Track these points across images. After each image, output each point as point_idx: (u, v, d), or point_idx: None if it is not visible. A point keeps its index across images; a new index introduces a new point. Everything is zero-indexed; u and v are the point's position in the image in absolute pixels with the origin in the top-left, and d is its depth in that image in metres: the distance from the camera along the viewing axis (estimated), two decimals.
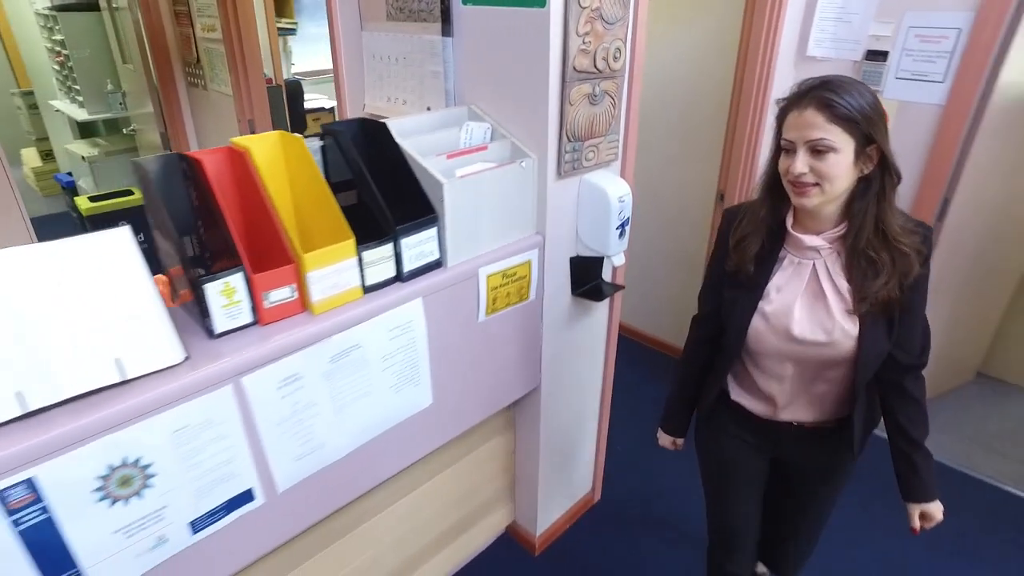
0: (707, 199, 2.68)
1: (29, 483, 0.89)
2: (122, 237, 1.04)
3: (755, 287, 1.21)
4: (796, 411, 1.28)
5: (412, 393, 1.40)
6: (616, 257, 1.67)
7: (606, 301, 1.88)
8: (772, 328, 1.20)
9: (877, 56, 2.24)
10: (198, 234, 1.14)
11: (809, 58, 2.36)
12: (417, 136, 1.41)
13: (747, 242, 1.21)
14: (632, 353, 3.11)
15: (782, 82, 2.36)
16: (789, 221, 1.17)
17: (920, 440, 1.21)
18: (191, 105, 3.06)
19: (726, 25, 2.41)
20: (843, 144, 1.03)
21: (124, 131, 3.68)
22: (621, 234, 1.62)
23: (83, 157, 3.83)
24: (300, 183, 1.22)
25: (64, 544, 0.95)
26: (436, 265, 1.37)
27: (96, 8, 3.59)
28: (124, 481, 0.99)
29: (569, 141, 1.50)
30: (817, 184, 1.06)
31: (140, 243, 1.06)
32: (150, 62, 2.94)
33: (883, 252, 1.09)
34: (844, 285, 1.14)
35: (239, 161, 1.19)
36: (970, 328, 2.74)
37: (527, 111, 1.47)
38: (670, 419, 1.52)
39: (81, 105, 3.79)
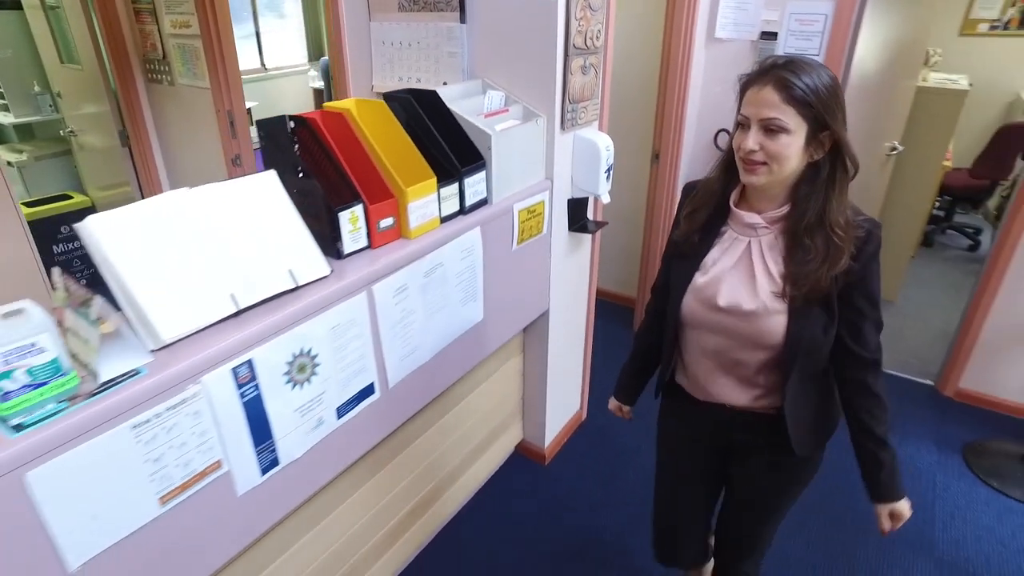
0: (644, 160, 3.17)
1: (249, 364, 1.15)
2: (271, 179, 1.30)
3: (695, 257, 1.23)
4: (727, 392, 1.27)
5: (471, 308, 1.73)
6: (603, 196, 2.08)
7: (590, 237, 2.29)
8: (700, 298, 1.21)
9: (769, 36, 2.81)
10: (319, 177, 1.40)
11: (717, 39, 2.90)
12: (456, 102, 1.74)
13: (697, 214, 1.23)
14: None
15: (699, 58, 2.88)
16: (734, 197, 1.19)
17: (885, 437, 1.19)
18: (150, 101, 3.12)
19: (651, 10, 2.91)
20: (796, 126, 1.03)
21: (61, 133, 3.61)
22: (608, 177, 2.03)
23: (9, 163, 3.71)
24: (385, 136, 1.51)
25: (266, 417, 1.21)
26: (484, 202, 1.70)
27: (18, 7, 3.50)
28: (301, 368, 1.26)
29: (569, 103, 1.89)
30: (766, 163, 1.07)
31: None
32: (106, 61, 2.98)
33: (818, 240, 1.08)
34: (776, 268, 1.14)
35: (337, 120, 1.47)
36: None
37: (537, 80, 1.84)
38: (620, 387, 1.55)
39: (6, 109, 3.66)
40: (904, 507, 1.23)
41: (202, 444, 1.10)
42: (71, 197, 3.65)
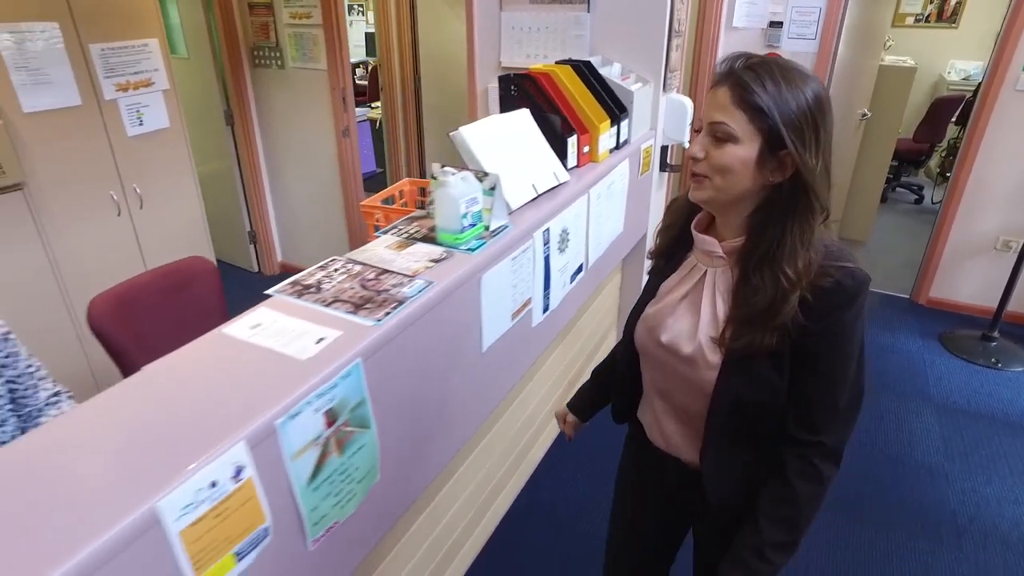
0: None
1: (547, 231, 1.72)
2: (526, 115, 1.88)
3: (658, 280, 1.11)
4: (677, 441, 1.12)
5: (617, 222, 2.34)
6: (687, 143, 2.73)
7: (667, 178, 2.94)
8: (647, 328, 1.08)
9: (776, 24, 3.54)
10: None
11: (734, 28, 3.61)
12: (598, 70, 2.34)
13: (669, 230, 1.11)
14: None
15: (722, 43, 3.58)
16: (700, 218, 1.04)
17: (769, 535, 0.96)
18: (254, 84, 3.56)
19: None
20: (746, 136, 0.87)
21: None
22: (692, 130, 2.69)
23: None
24: (576, 89, 2.10)
25: (549, 271, 1.78)
26: (626, 142, 2.32)
27: None
28: (563, 240, 1.84)
29: (669, 72, 2.53)
30: (709, 176, 0.91)
31: None
32: (217, 50, 3.40)
33: (767, 280, 0.90)
34: (723, 307, 0.98)
35: (547, 77, 2.05)
36: (833, 205, 4.23)
37: (648, 54, 2.47)
38: (576, 396, 1.41)
39: None
40: None
41: (528, 282, 1.67)
42: None
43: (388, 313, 1.14)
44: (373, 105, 5.69)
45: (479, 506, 1.98)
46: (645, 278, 1.31)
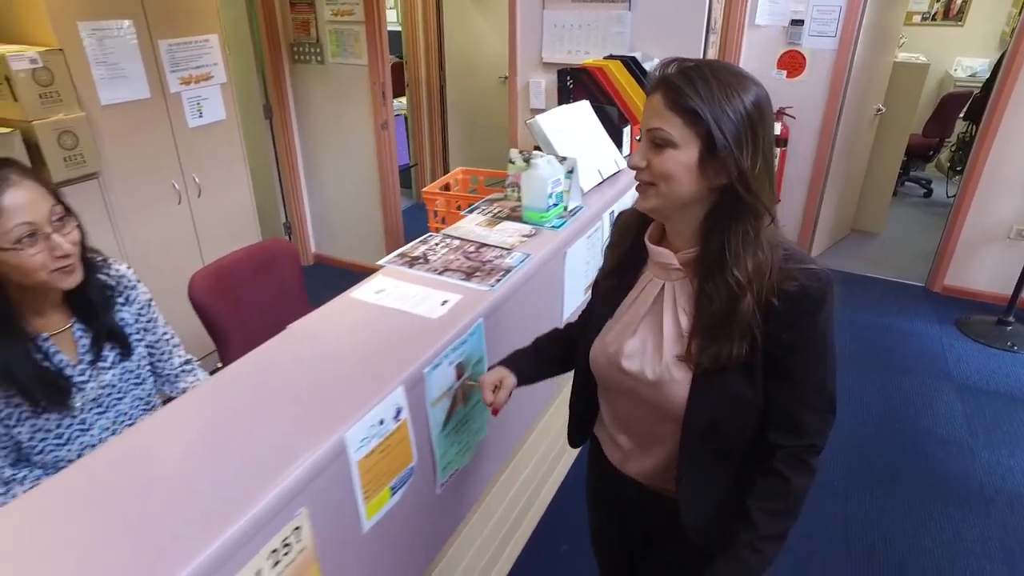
0: None
1: (612, 212, 1.84)
2: (586, 106, 2.00)
3: (612, 302, 1.04)
4: (642, 471, 1.07)
5: None
6: None
7: None
8: (606, 355, 1.02)
9: (797, 23, 3.67)
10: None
11: (756, 25, 3.74)
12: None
13: (618, 248, 1.05)
14: None
15: (746, 39, 3.71)
16: (652, 230, 0.98)
17: (765, 528, 0.93)
18: (293, 79, 3.67)
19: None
20: (683, 139, 0.84)
21: None
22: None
23: None
24: (626, 82, 2.23)
25: None
26: None
27: None
28: None
29: None
30: (654, 184, 0.88)
31: None
32: (259, 46, 3.51)
33: (720, 286, 0.87)
34: (686, 321, 0.93)
35: (601, 71, 2.17)
36: (847, 198, 4.37)
37: (686, 50, 2.59)
38: (511, 357, 1.18)
39: None
40: None
41: (597, 258, 1.79)
42: None
43: (499, 280, 1.26)
44: (396, 101, 5.80)
45: (540, 478, 2.10)
46: None
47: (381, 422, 0.96)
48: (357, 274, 4.08)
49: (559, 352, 1.18)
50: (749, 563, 0.93)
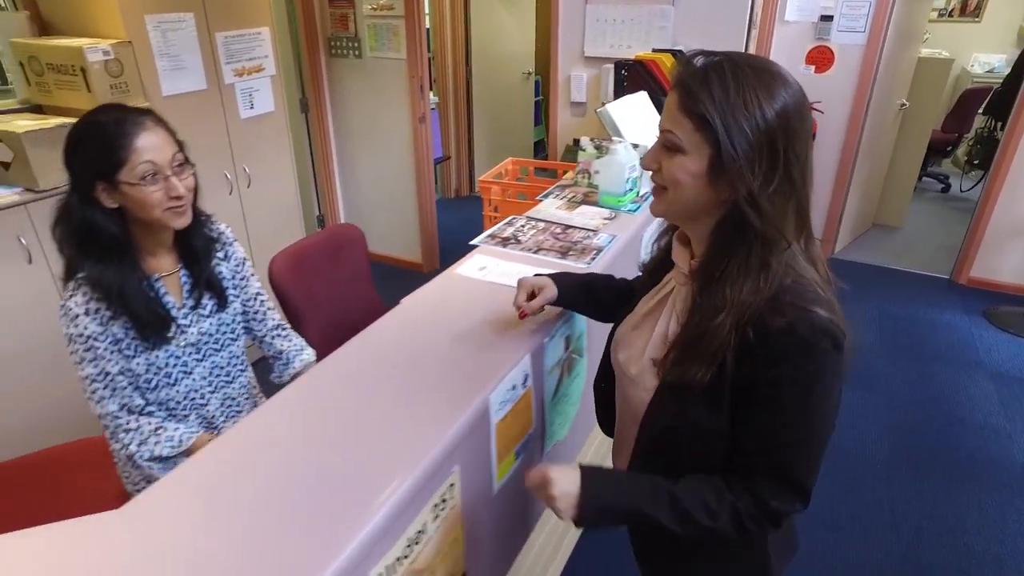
0: None
1: None
2: (644, 97, 2.05)
3: (641, 293, 1.01)
4: (618, 460, 1.05)
5: None
6: None
7: None
8: (615, 344, 1.00)
9: (827, 18, 3.72)
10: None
11: (786, 21, 3.79)
12: None
13: (660, 240, 1.00)
14: None
15: (776, 35, 3.77)
16: (680, 228, 0.92)
17: (682, 497, 0.83)
18: (329, 73, 3.72)
19: None
20: (693, 146, 0.77)
21: None
22: None
23: None
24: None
25: None
26: None
27: None
28: None
29: None
30: (665, 188, 0.83)
31: None
32: (297, 40, 3.56)
33: (707, 307, 0.80)
34: (675, 329, 0.88)
35: (653, 64, 2.23)
36: (870, 193, 4.43)
37: (728, 45, 2.64)
38: (559, 275, 1.14)
39: None
40: (560, 482, 0.84)
41: None
42: None
43: (593, 258, 1.32)
44: None
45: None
46: None
47: (514, 387, 1.01)
48: (391, 267, 4.15)
49: (608, 299, 1.13)
50: (629, 495, 0.84)
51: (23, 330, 2.09)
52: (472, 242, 1.39)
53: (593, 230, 1.45)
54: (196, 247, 1.27)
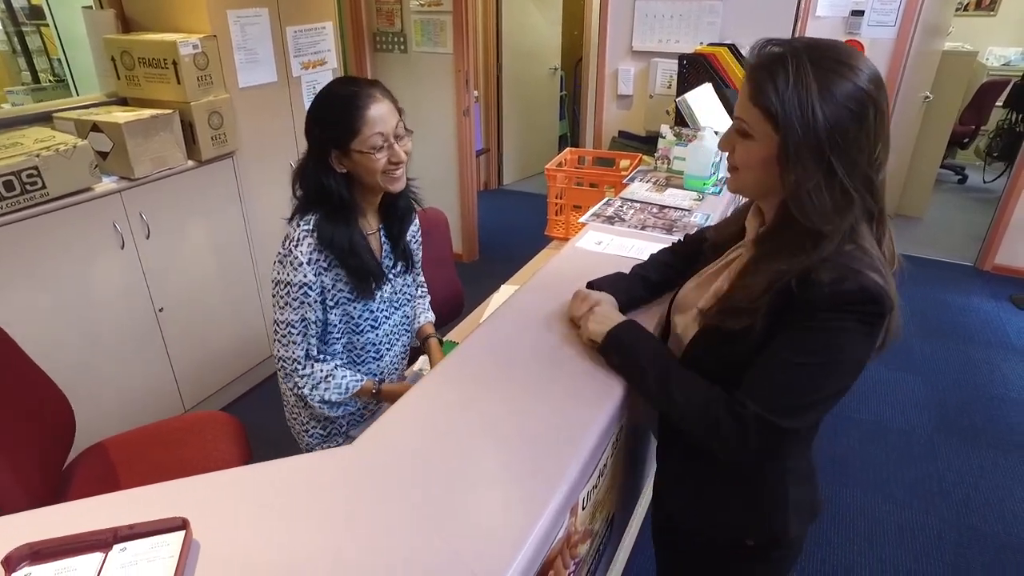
0: None
1: None
2: (709, 88, 2.16)
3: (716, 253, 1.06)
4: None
5: None
6: None
7: None
8: (675, 303, 1.07)
9: (858, 13, 3.83)
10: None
11: (818, 16, 3.89)
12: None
13: (733, 214, 1.07)
14: None
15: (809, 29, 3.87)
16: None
17: (672, 371, 0.92)
18: (374, 68, 3.82)
19: None
20: (761, 134, 0.82)
21: None
22: None
23: None
24: (733, 65, 2.38)
25: None
26: None
27: None
28: None
29: None
30: (737, 168, 0.89)
31: None
32: (343, 36, 3.66)
33: (759, 280, 0.84)
34: (723, 288, 0.93)
35: (713, 57, 2.33)
36: (892, 183, 4.53)
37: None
38: (610, 282, 1.19)
39: None
40: (598, 322, 1.03)
41: None
42: None
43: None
44: None
45: None
46: None
47: None
48: None
49: (660, 277, 1.20)
50: (642, 345, 0.96)
51: (116, 313, 2.19)
52: (581, 219, 1.50)
53: (687, 209, 1.55)
54: (400, 208, 1.39)
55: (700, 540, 1.04)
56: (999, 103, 5.26)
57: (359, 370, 1.42)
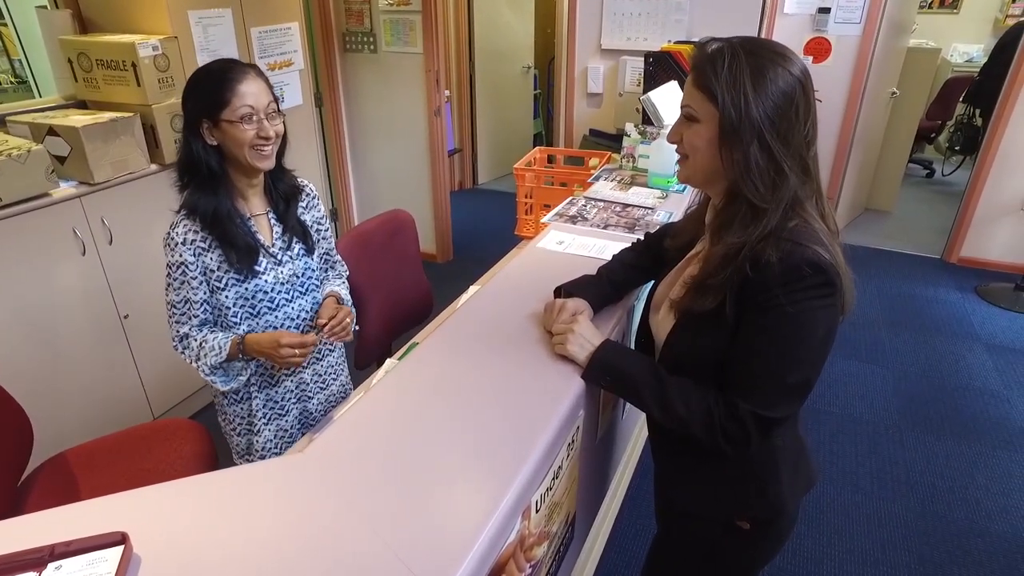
0: None
1: None
2: (675, 87, 2.17)
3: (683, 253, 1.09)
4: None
5: None
6: None
7: None
8: (653, 303, 1.10)
9: (824, 10, 3.88)
10: None
11: (786, 14, 3.94)
12: None
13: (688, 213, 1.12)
14: None
15: (777, 27, 3.91)
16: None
17: (669, 386, 0.95)
18: (343, 68, 3.78)
19: None
20: (705, 116, 0.89)
21: None
22: None
23: None
24: None
25: None
26: None
27: None
28: None
29: None
30: (687, 156, 0.95)
31: None
32: (311, 36, 3.62)
33: (715, 258, 0.91)
34: (693, 273, 0.97)
35: (678, 55, 2.35)
36: (862, 178, 4.61)
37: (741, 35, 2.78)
38: (578, 285, 1.21)
39: None
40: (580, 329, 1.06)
41: None
42: None
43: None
44: None
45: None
46: None
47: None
48: None
49: (624, 277, 1.23)
50: (631, 365, 0.99)
51: (78, 321, 2.14)
52: (544, 219, 1.50)
53: (651, 207, 1.56)
54: (281, 190, 1.41)
55: (701, 521, 1.07)
56: (961, 99, 5.37)
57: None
